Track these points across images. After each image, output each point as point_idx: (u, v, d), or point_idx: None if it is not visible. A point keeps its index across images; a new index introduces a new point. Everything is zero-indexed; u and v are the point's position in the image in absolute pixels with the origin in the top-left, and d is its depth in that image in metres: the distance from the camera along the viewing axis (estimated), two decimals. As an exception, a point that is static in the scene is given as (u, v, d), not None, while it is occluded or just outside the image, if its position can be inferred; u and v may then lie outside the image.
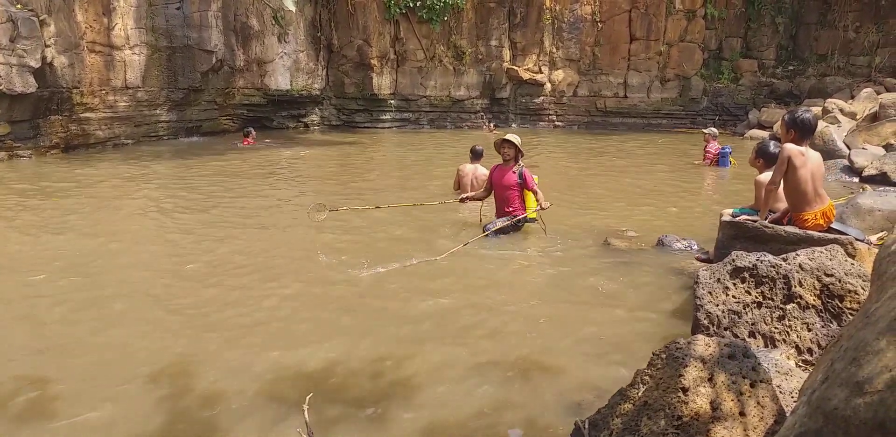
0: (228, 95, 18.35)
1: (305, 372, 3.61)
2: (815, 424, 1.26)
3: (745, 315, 3.47)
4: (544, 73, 22.14)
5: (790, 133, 4.78)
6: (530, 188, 6.72)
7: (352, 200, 8.82)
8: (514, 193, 6.76)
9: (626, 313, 4.56)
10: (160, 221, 7.53)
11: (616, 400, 2.04)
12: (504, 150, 6.79)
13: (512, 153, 6.76)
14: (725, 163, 11.96)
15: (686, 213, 8.23)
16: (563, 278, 5.38)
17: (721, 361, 1.92)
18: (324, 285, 5.14)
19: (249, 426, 3.07)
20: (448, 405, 3.27)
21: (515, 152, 6.77)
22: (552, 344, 4.02)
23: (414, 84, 21.59)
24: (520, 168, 6.75)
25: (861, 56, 20.41)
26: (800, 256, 3.55)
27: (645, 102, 21.87)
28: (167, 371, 3.62)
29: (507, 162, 6.82)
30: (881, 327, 1.36)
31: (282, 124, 20.66)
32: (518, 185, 6.72)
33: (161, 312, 4.57)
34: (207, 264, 5.73)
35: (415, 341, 4.06)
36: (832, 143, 11.28)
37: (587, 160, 13.90)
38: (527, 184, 6.72)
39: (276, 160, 13.47)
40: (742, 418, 1.75)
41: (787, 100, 20.02)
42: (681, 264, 5.65)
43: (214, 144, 16.38)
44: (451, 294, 4.96)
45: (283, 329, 4.26)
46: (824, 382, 1.39)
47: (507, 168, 6.79)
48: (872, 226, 5.89)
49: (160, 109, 16.31)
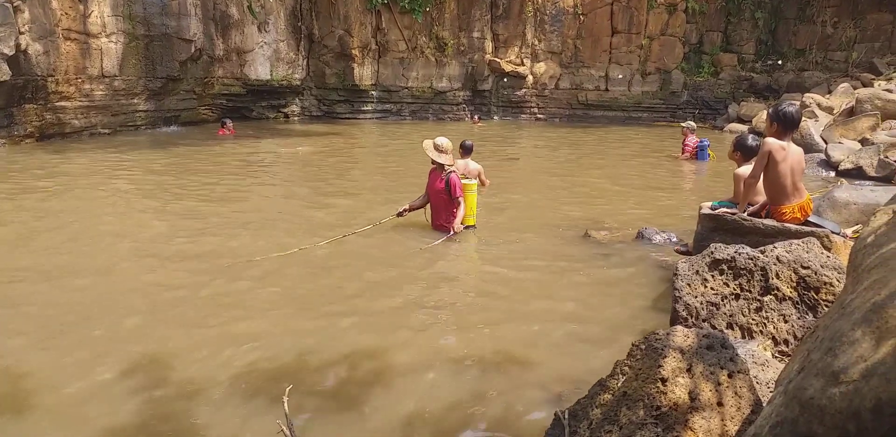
0: (207, 84, 18.15)
1: (282, 364, 3.59)
2: (792, 413, 1.28)
3: (723, 307, 3.51)
4: (526, 65, 22.16)
5: (773, 126, 4.82)
6: (455, 198, 6.28)
7: (329, 197, 8.81)
8: (442, 200, 6.37)
9: (605, 305, 4.59)
10: (135, 210, 7.43)
11: (596, 391, 2.05)
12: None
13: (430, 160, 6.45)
14: (704, 156, 12.07)
15: (665, 205, 8.30)
16: (543, 269, 5.40)
17: (699, 352, 1.94)
18: (300, 279, 5.11)
19: (227, 417, 3.04)
20: (427, 395, 3.27)
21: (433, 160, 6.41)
22: (531, 336, 4.04)
23: (396, 75, 21.50)
24: (448, 174, 6.31)
25: (838, 51, 20.68)
26: (777, 248, 3.59)
27: (626, 96, 21.99)
28: (140, 363, 3.58)
29: (438, 166, 6.41)
30: (857, 317, 1.38)
31: (261, 115, 20.49)
32: (445, 191, 6.30)
33: (134, 302, 4.52)
34: (180, 255, 5.67)
35: (392, 333, 4.05)
36: (809, 137, 11.41)
37: (568, 153, 13.94)
38: (452, 192, 6.28)
39: (254, 152, 13.35)
40: (720, 408, 1.77)
41: (765, 94, 20.23)
42: (660, 256, 5.69)
43: (193, 134, 16.21)
44: (427, 287, 4.96)
45: (259, 322, 4.23)
46: (801, 372, 1.40)
47: (437, 173, 6.43)
48: (848, 219, 5.98)
49: (138, 99, 16.09)
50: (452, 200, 6.31)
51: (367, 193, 8.91)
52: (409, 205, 6.64)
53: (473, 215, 6.52)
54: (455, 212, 6.31)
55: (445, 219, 6.33)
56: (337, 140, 15.67)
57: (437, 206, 6.47)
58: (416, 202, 6.69)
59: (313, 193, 8.73)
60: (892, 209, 1.95)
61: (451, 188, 6.27)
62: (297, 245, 5.83)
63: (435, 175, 6.46)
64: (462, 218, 6.31)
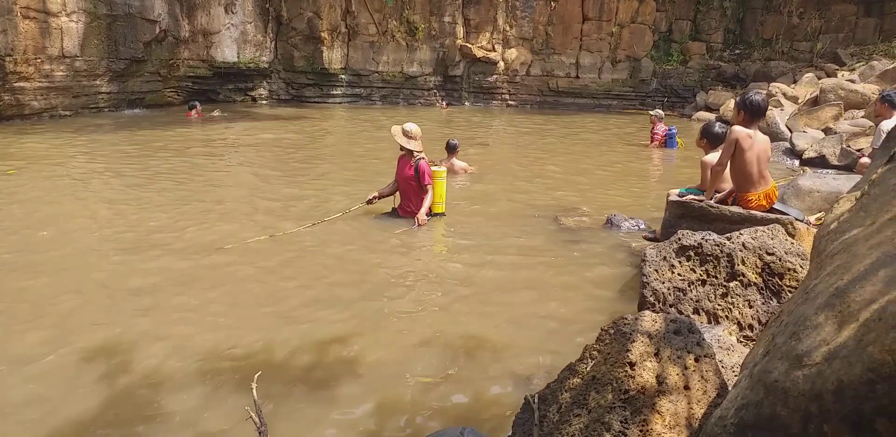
0: (172, 66, 17.77)
1: (249, 352, 3.56)
2: (757, 396, 1.30)
3: (690, 292, 3.56)
4: (497, 51, 22.10)
5: (740, 114, 4.89)
6: (424, 185, 6.24)
7: (298, 183, 8.73)
8: (411, 188, 6.33)
9: (574, 291, 4.63)
10: (96, 195, 7.27)
11: (565, 375, 2.07)
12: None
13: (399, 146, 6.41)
14: (672, 144, 12.20)
15: (634, 192, 8.38)
16: (513, 256, 5.42)
17: (667, 336, 1.96)
18: (268, 267, 5.06)
19: (194, 404, 3.01)
20: (396, 381, 3.27)
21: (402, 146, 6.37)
22: (500, 322, 4.06)
23: (366, 59, 21.29)
24: (417, 161, 6.27)
25: (804, 41, 21.00)
26: (743, 235, 3.65)
27: (596, 83, 22.07)
28: (102, 351, 3.52)
29: (407, 152, 6.37)
30: (820, 302, 1.40)
31: (228, 98, 20.16)
32: (415, 178, 6.26)
33: (95, 288, 4.43)
34: (145, 241, 5.57)
35: (361, 320, 4.03)
36: (775, 126, 11.60)
37: (538, 140, 13.98)
38: (421, 179, 6.23)
39: (222, 135, 13.14)
40: (686, 391, 1.80)
41: (733, 83, 20.48)
42: (628, 242, 5.76)
43: (158, 116, 15.88)
44: (396, 274, 4.95)
45: (224, 310, 4.19)
46: (765, 355, 1.43)
47: (406, 160, 6.38)
48: (811, 207, 6.10)
49: (100, 80, 15.68)
50: (422, 187, 6.27)
51: (337, 179, 8.84)
52: (379, 192, 6.54)
53: (443, 203, 6.49)
54: (420, 201, 6.26)
55: (416, 205, 6.30)
56: (305, 124, 15.48)
57: (405, 192, 6.41)
58: (385, 189, 6.60)
59: (282, 179, 8.63)
60: (855, 197, 1.99)
61: (420, 175, 6.22)
62: (265, 233, 5.77)
63: (404, 162, 6.40)
64: (430, 206, 6.28)
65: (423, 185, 6.25)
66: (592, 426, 1.81)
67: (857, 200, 1.92)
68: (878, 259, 1.36)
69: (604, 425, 1.78)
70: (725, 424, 1.34)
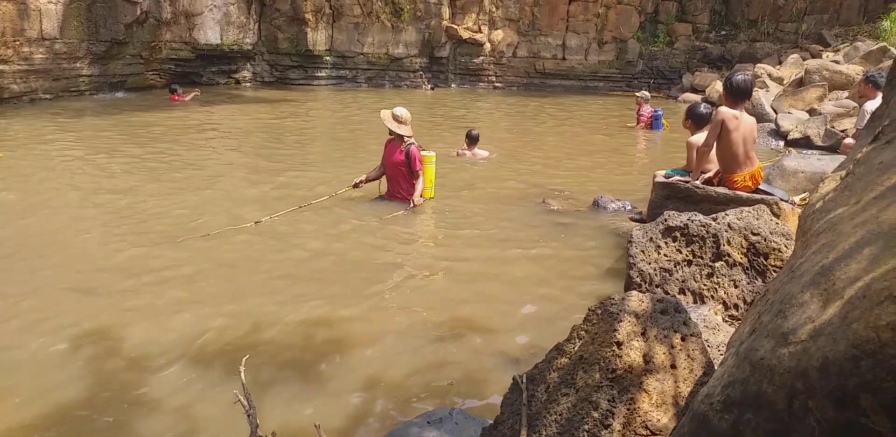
0: (155, 48, 17.50)
1: (237, 336, 3.55)
2: (743, 373, 1.31)
3: (676, 273, 3.59)
4: (484, 32, 21.91)
5: (727, 96, 4.90)
6: (415, 170, 6.18)
7: (284, 167, 8.67)
8: (400, 173, 6.25)
9: (561, 272, 4.65)
10: (79, 180, 7.19)
11: (553, 355, 2.09)
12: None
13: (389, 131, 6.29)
14: (658, 125, 12.21)
15: (620, 174, 8.40)
16: (500, 238, 5.43)
17: (654, 316, 1.97)
18: (256, 251, 5.04)
19: (182, 388, 3.01)
20: (385, 363, 3.28)
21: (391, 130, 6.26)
22: (489, 303, 4.07)
23: (350, 40, 21.04)
24: (407, 146, 6.19)
25: (789, 22, 20.98)
26: (729, 215, 3.67)
27: (583, 65, 21.98)
28: (89, 335, 3.50)
29: (396, 137, 6.27)
30: (805, 280, 1.41)
31: (212, 80, 19.89)
32: (405, 164, 6.19)
33: (80, 274, 4.40)
34: (128, 225, 5.53)
35: (349, 303, 4.03)
36: (760, 107, 11.63)
37: (524, 122, 13.94)
38: (412, 165, 6.17)
39: (206, 119, 13.00)
40: (673, 370, 1.82)
41: (718, 64, 20.47)
42: (615, 223, 5.78)
43: (140, 100, 15.66)
44: (385, 258, 4.95)
45: (212, 295, 4.17)
46: (752, 334, 1.44)
47: (395, 145, 6.27)
48: (796, 187, 6.15)
49: (81, 63, 15.41)
50: (412, 172, 6.20)
51: (325, 162, 8.79)
52: (366, 176, 6.44)
53: (432, 188, 6.45)
54: (415, 184, 6.21)
55: (406, 190, 6.23)
56: (291, 107, 15.34)
57: (394, 178, 6.33)
58: (372, 173, 6.50)
59: (269, 164, 8.56)
60: (840, 176, 2.00)
61: (411, 161, 6.14)
62: (252, 218, 5.73)
63: (393, 146, 6.30)
64: (422, 191, 6.23)
65: (413, 171, 6.18)
66: (580, 405, 1.83)
67: (843, 179, 1.93)
68: (862, 237, 1.37)
69: (591, 404, 1.79)
70: (712, 401, 1.35)
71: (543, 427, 1.89)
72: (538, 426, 1.91)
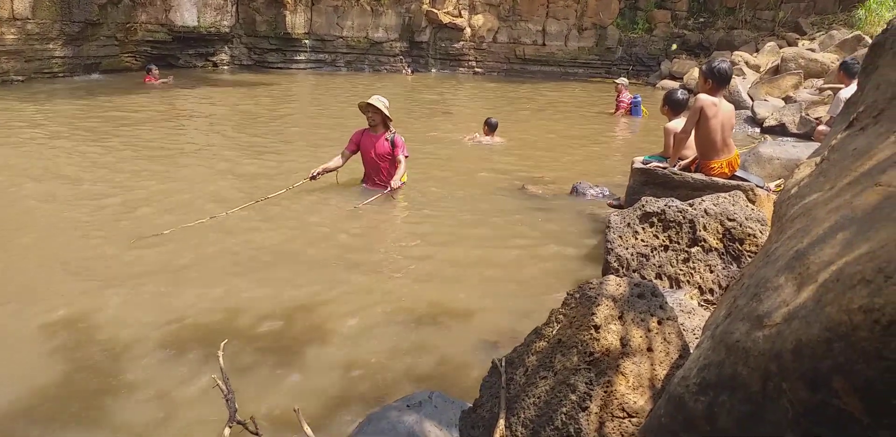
0: (130, 30, 17.16)
1: (214, 322, 3.53)
2: (718, 356, 1.33)
3: (653, 258, 3.62)
4: (464, 17, 21.78)
5: (707, 83, 4.91)
6: (396, 157, 6.03)
7: (258, 154, 8.58)
8: (387, 164, 6.08)
9: (539, 257, 4.67)
10: (52, 163, 7.06)
11: (532, 339, 2.10)
12: (369, 114, 6.03)
13: (378, 119, 6.02)
14: (638, 112, 12.26)
15: (599, 160, 8.44)
16: (480, 223, 5.44)
17: (631, 300, 1.99)
18: (229, 234, 5.00)
19: (159, 374, 2.99)
20: (364, 348, 3.28)
21: (382, 118, 6.03)
22: (467, 288, 4.09)
23: (330, 24, 20.80)
24: (392, 135, 6.04)
25: (766, 10, 21.10)
26: (705, 201, 3.71)
27: (563, 51, 21.95)
28: (62, 321, 3.46)
29: (374, 128, 6.07)
30: (780, 264, 1.43)
31: (189, 63, 19.58)
32: (391, 154, 6.05)
33: (53, 260, 4.33)
34: (101, 210, 5.45)
35: (326, 286, 4.02)
36: (737, 94, 11.72)
37: (504, 107, 13.92)
38: (395, 152, 6.03)
39: (182, 103, 12.81)
40: (650, 353, 1.84)
41: (696, 51, 20.56)
42: (593, 209, 5.81)
43: (115, 82, 15.37)
44: (362, 243, 4.93)
45: (183, 277, 4.13)
46: (727, 317, 1.46)
47: (378, 135, 6.06)
48: (771, 174, 6.22)
49: (53, 44, 15.07)
50: (395, 160, 6.05)
51: (304, 149, 8.68)
52: (323, 167, 6.05)
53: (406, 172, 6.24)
54: (395, 171, 6.03)
55: (389, 178, 6.01)
56: (269, 91, 15.16)
57: (376, 170, 6.12)
58: (331, 164, 6.12)
59: (245, 150, 8.47)
60: (815, 162, 2.02)
61: (397, 148, 5.99)
62: (227, 207, 5.62)
63: (374, 138, 6.06)
64: (402, 175, 6.07)
65: (396, 157, 6.01)
66: (558, 388, 1.84)
67: (817, 165, 1.95)
68: (836, 222, 1.39)
69: (569, 386, 1.81)
70: (688, 384, 1.37)
71: (522, 410, 1.91)
72: (516, 409, 1.93)
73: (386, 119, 6.04)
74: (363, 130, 6.16)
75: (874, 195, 1.33)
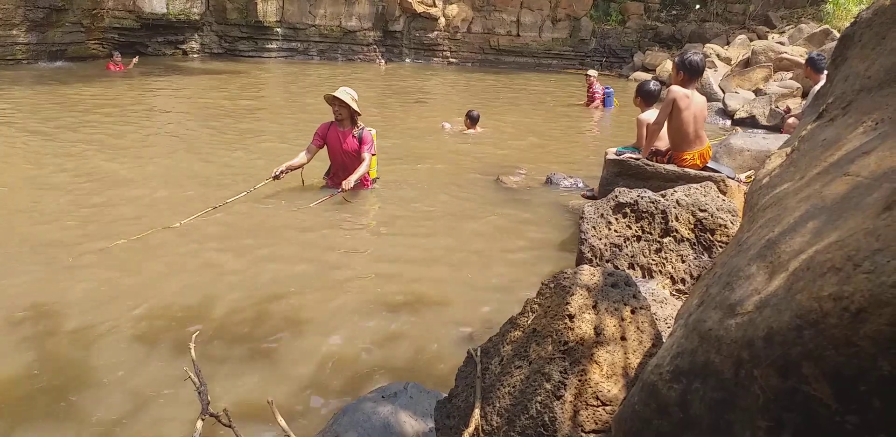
0: (96, 16, 16.78)
1: (185, 315, 3.48)
2: (691, 344, 1.35)
3: (626, 248, 3.65)
4: (438, 6, 21.68)
5: (680, 75, 4.95)
6: (363, 154, 5.70)
7: (225, 149, 8.47)
8: (356, 160, 5.74)
9: (513, 248, 4.69)
10: (15, 151, 6.90)
11: (506, 328, 2.11)
12: (335, 108, 5.68)
13: (345, 113, 5.67)
14: (610, 103, 12.34)
15: (573, 151, 8.47)
16: (455, 214, 5.44)
17: (605, 289, 2.00)
18: (199, 228, 4.93)
19: (129, 365, 2.94)
20: (338, 339, 3.27)
21: (350, 113, 5.68)
22: (442, 278, 4.09)
23: (302, 12, 20.57)
24: (360, 131, 5.71)
25: (738, 3, 21.34)
26: (677, 192, 3.74)
27: (537, 42, 21.99)
28: (29, 312, 3.38)
29: (340, 122, 5.72)
30: (752, 254, 1.45)
31: (158, 51, 19.24)
32: (359, 150, 5.73)
33: (18, 250, 4.24)
34: (65, 199, 5.34)
35: (300, 278, 4.00)
36: (709, 86, 11.85)
37: (477, 98, 13.91)
38: (363, 150, 5.70)
39: (149, 92, 12.58)
40: (623, 342, 1.85)
41: (669, 44, 20.73)
42: (567, 200, 5.84)
43: (81, 70, 15.04)
44: (333, 235, 4.90)
45: (153, 269, 4.08)
46: (700, 306, 1.48)
47: (346, 131, 5.72)
48: (742, 165, 6.31)
49: (17, 30, 14.70)
50: (359, 156, 5.73)
51: (275, 143, 8.58)
52: (287, 165, 5.67)
53: (375, 167, 6.05)
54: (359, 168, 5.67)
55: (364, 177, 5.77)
56: (239, 80, 14.95)
57: (345, 167, 5.77)
58: (294, 162, 5.75)
59: (213, 144, 8.33)
60: (786, 152, 2.05)
61: (362, 144, 5.69)
62: (203, 206, 5.55)
63: (341, 134, 5.72)
64: (364, 173, 5.73)
65: (361, 154, 5.71)
66: (533, 377, 1.85)
67: (788, 155, 1.98)
68: (806, 212, 1.41)
69: (544, 375, 1.82)
70: (661, 371, 1.39)
71: (497, 399, 1.92)
72: (492, 398, 1.93)
73: (354, 114, 5.70)
74: (330, 124, 5.83)
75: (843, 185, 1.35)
